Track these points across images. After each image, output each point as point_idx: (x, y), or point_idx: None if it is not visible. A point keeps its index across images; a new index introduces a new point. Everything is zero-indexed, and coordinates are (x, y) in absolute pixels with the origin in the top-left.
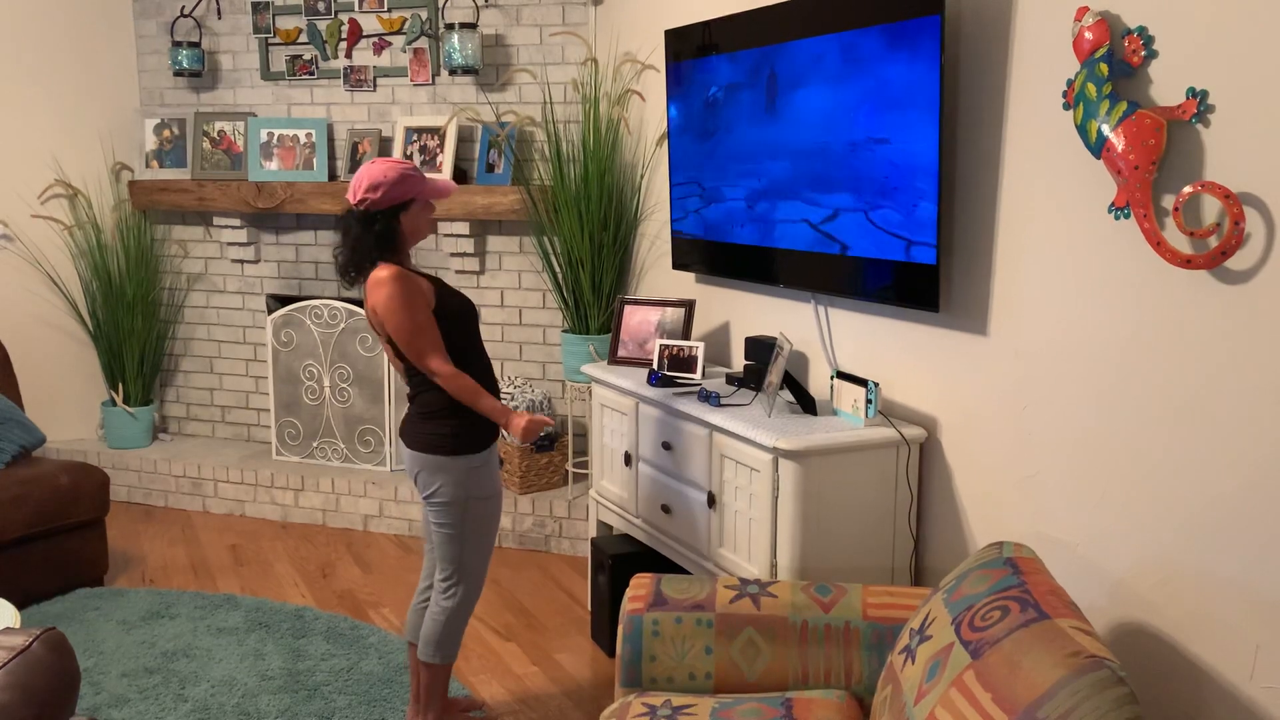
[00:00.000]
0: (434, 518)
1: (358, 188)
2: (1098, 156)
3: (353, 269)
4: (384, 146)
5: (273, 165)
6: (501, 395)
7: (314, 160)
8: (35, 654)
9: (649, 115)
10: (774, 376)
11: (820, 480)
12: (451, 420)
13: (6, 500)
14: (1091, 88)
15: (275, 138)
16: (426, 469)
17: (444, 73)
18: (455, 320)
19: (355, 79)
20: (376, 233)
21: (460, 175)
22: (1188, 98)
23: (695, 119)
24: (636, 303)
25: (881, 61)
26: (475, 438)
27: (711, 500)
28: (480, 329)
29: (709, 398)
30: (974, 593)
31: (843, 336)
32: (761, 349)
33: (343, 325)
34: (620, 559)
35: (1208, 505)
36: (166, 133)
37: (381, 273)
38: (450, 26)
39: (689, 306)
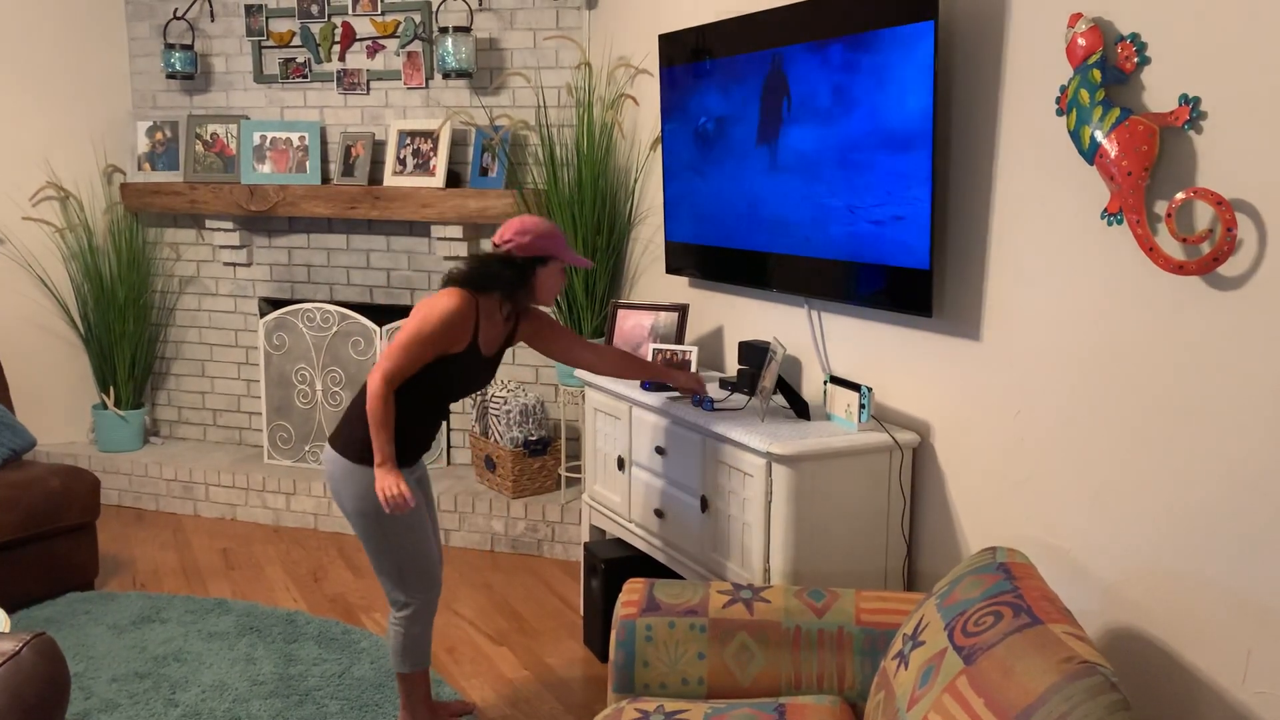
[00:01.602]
0: (353, 529)
1: (505, 231)
2: (1091, 162)
3: (471, 284)
4: (377, 149)
5: (265, 168)
6: (494, 398)
7: (307, 163)
8: (25, 659)
9: (643, 119)
10: (767, 381)
11: (813, 485)
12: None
13: None
14: (1084, 94)
15: (268, 140)
16: (335, 473)
17: (438, 76)
18: (462, 374)
19: (349, 82)
20: (509, 276)
21: (454, 179)
22: (1180, 104)
23: (689, 123)
24: (630, 307)
25: (875, 67)
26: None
27: (705, 505)
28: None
29: (702, 402)
30: (967, 598)
31: (836, 341)
32: (755, 353)
33: (335, 329)
34: (613, 563)
35: (1200, 510)
36: (159, 135)
37: (456, 292)
38: (444, 30)
39: (682, 311)
